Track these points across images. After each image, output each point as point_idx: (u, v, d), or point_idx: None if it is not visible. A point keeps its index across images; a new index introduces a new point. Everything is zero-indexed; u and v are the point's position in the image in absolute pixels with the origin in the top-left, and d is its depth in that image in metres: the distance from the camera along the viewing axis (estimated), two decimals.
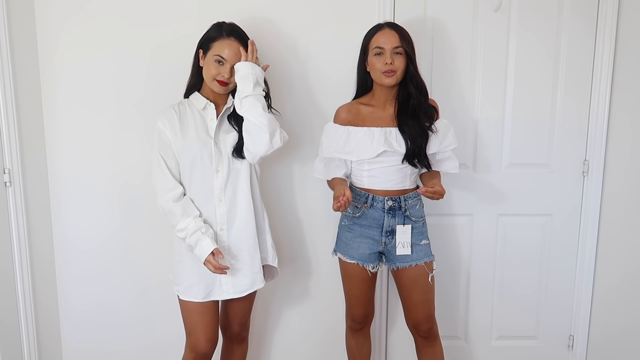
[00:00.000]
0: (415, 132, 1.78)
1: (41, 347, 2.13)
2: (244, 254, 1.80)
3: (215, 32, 1.74)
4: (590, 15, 2.11)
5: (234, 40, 1.73)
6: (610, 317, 2.34)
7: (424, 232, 1.89)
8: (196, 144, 1.74)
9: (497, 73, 2.15)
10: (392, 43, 1.74)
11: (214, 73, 1.72)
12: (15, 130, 1.95)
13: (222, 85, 1.74)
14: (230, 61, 1.72)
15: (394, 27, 1.78)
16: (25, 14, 2.00)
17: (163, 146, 1.75)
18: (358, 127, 1.83)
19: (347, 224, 1.92)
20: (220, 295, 1.80)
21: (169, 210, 1.73)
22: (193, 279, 1.78)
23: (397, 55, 1.75)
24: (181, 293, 1.79)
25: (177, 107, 1.80)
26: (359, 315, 1.98)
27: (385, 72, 1.75)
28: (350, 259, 1.90)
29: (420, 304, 1.87)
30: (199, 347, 1.79)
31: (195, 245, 1.71)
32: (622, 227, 2.26)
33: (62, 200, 2.17)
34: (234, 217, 1.78)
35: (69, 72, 2.07)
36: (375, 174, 1.84)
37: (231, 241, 1.78)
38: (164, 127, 1.75)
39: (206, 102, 1.79)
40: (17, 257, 2.00)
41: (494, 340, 2.38)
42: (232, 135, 1.78)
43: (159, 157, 1.74)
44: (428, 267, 1.85)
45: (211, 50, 1.73)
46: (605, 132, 2.18)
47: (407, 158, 1.79)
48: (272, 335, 2.33)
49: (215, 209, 1.77)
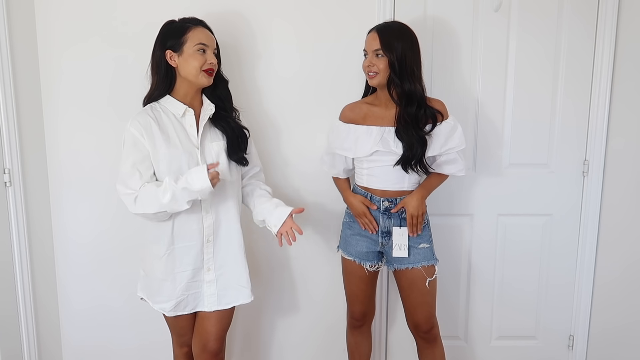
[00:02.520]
0: (412, 138, 1.75)
1: (41, 345, 2.14)
2: (231, 266, 1.75)
3: (180, 27, 1.65)
4: (590, 15, 2.11)
5: (203, 27, 1.68)
6: (610, 317, 2.34)
7: (424, 236, 1.87)
8: (182, 155, 1.63)
9: (497, 73, 2.15)
10: (372, 46, 1.76)
11: (200, 63, 1.63)
12: (15, 130, 1.95)
13: (210, 75, 1.67)
14: (212, 47, 1.67)
15: (379, 31, 1.75)
16: (25, 14, 2.01)
17: (139, 157, 1.61)
18: (359, 125, 1.84)
19: (347, 221, 1.95)
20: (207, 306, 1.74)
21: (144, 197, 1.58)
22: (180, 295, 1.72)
23: (379, 57, 1.75)
24: (167, 310, 1.73)
25: (151, 111, 1.66)
26: (357, 312, 1.99)
27: (368, 73, 1.78)
28: (349, 256, 1.92)
29: (419, 305, 1.87)
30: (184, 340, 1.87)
31: (186, 181, 1.56)
32: (622, 227, 2.26)
33: (62, 200, 2.17)
34: (219, 227, 1.72)
35: (69, 72, 2.07)
36: (373, 173, 1.85)
37: (217, 253, 1.73)
38: (141, 136, 1.61)
39: (185, 107, 1.67)
40: (17, 256, 2.00)
41: (494, 340, 2.38)
42: (220, 143, 1.71)
43: (134, 170, 1.60)
44: (427, 271, 1.85)
45: (188, 43, 1.62)
46: (605, 132, 2.17)
47: (401, 164, 1.78)
48: (272, 334, 2.33)
49: (203, 220, 1.69)
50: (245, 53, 2.09)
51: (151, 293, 1.76)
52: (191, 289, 1.73)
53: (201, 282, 1.73)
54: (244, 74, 2.09)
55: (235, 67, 2.06)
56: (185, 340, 1.87)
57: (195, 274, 1.72)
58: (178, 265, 1.70)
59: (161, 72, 1.68)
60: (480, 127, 2.19)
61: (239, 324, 2.29)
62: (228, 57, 1.96)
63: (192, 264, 1.71)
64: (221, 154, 1.71)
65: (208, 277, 1.73)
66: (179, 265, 1.70)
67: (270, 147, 2.15)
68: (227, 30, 2.02)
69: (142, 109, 1.69)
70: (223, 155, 1.71)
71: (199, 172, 1.55)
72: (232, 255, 1.75)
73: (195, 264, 1.71)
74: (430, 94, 2.15)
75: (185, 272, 1.71)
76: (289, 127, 2.15)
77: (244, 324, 2.30)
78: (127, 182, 1.61)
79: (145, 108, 1.69)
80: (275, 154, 2.16)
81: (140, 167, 1.62)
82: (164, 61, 1.67)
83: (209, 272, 1.73)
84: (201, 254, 1.71)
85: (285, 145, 2.16)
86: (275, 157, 2.16)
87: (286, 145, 2.16)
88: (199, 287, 1.74)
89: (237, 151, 1.74)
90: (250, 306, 2.23)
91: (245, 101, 2.05)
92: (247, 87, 2.10)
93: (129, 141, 1.63)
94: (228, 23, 2.04)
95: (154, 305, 1.76)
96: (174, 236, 1.69)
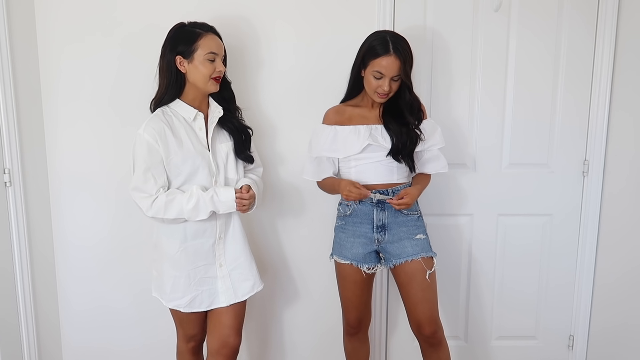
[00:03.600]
0: (401, 129, 1.81)
1: (41, 347, 2.13)
2: (242, 259, 1.81)
3: (191, 32, 1.67)
4: (591, 13, 2.11)
5: (214, 35, 1.71)
6: (610, 317, 2.34)
7: (419, 227, 1.88)
8: (196, 158, 1.68)
9: (497, 73, 2.15)
10: (393, 72, 1.74)
11: (210, 71, 1.67)
12: (15, 130, 1.95)
13: (218, 82, 1.71)
14: (220, 55, 1.70)
15: (399, 55, 1.73)
16: (25, 13, 2.00)
17: (153, 162, 1.64)
18: (345, 125, 1.86)
19: (340, 224, 1.93)
20: (225, 301, 1.77)
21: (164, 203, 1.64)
22: (196, 290, 1.75)
23: (395, 81, 1.77)
24: (183, 307, 1.76)
25: (163, 116, 1.69)
26: (352, 319, 1.97)
27: (379, 94, 1.79)
28: (344, 260, 1.89)
29: (420, 302, 1.83)
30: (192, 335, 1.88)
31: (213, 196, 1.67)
32: (622, 227, 2.26)
33: (62, 200, 2.17)
34: (230, 224, 1.79)
35: (69, 71, 2.07)
36: (362, 170, 1.85)
37: (228, 249, 1.79)
38: (155, 142, 1.63)
39: (195, 112, 1.72)
40: (17, 257, 2.00)
41: (494, 340, 2.38)
42: (229, 144, 1.78)
43: (148, 176, 1.64)
44: (426, 263, 1.83)
45: (199, 51, 1.65)
46: (606, 132, 2.18)
47: (392, 153, 1.81)
48: (272, 336, 2.33)
49: (217, 218, 1.75)
50: (248, 54, 2.09)
51: (165, 291, 1.78)
52: (205, 284, 1.76)
53: (215, 278, 1.77)
54: (244, 73, 2.09)
55: (235, 67, 2.05)
56: (194, 336, 1.88)
57: (207, 270, 1.76)
58: (192, 261, 1.74)
59: (172, 76, 1.69)
60: (480, 126, 2.19)
61: None
62: (230, 58, 1.96)
63: (205, 259, 1.76)
64: (230, 154, 1.78)
65: (221, 272, 1.78)
66: (192, 262, 1.74)
67: (271, 145, 2.16)
68: (229, 32, 2.02)
69: (153, 114, 1.71)
70: (232, 155, 1.78)
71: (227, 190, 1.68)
72: (240, 249, 1.81)
73: (208, 260, 1.76)
74: (430, 94, 2.16)
75: (199, 267, 1.75)
76: (291, 125, 2.15)
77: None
78: (142, 188, 1.65)
79: (157, 113, 1.70)
80: (275, 152, 2.17)
81: (155, 172, 1.65)
82: (174, 66, 1.68)
83: (222, 268, 1.78)
84: (213, 250, 1.76)
85: (285, 143, 2.16)
86: (274, 155, 2.16)
87: (285, 143, 2.16)
88: (213, 284, 1.77)
89: (243, 150, 1.81)
90: (249, 306, 2.24)
91: (247, 101, 2.04)
92: (247, 87, 2.10)
93: (142, 147, 1.64)
94: (229, 24, 2.04)
95: (169, 303, 1.78)
96: (187, 233, 1.73)
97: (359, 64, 1.83)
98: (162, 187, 1.67)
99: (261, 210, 2.18)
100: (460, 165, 2.22)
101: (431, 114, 2.16)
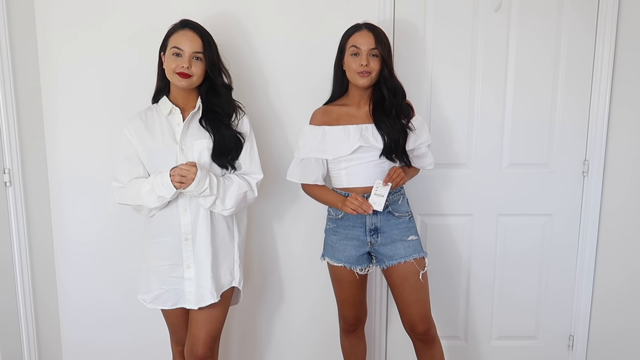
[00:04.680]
0: (392, 127, 1.79)
1: (41, 343, 2.14)
2: (207, 265, 1.73)
3: (171, 30, 1.73)
4: (591, 13, 2.10)
5: (188, 30, 1.70)
6: (610, 316, 2.33)
7: (411, 228, 1.87)
8: (162, 151, 1.71)
9: (497, 73, 2.15)
10: (368, 44, 1.75)
11: (173, 66, 1.67)
12: (15, 130, 1.95)
13: (183, 77, 1.67)
14: (188, 51, 1.67)
15: (371, 29, 1.77)
16: (25, 13, 2.01)
17: (128, 154, 1.75)
18: (333, 126, 1.84)
19: (331, 226, 1.92)
20: (184, 303, 1.77)
21: (128, 186, 1.74)
22: (161, 288, 1.77)
23: (373, 57, 1.76)
24: (147, 302, 1.80)
25: (144, 113, 1.78)
26: (349, 317, 1.98)
27: (360, 72, 1.76)
28: (337, 262, 1.88)
29: (413, 303, 1.83)
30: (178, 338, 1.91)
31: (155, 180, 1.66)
32: (622, 227, 2.26)
33: (62, 199, 2.17)
34: (197, 226, 1.73)
35: (69, 71, 2.08)
36: (353, 172, 1.83)
37: (195, 251, 1.74)
38: (130, 136, 1.74)
39: (172, 106, 1.74)
40: (17, 256, 2.00)
41: (494, 340, 2.38)
42: (203, 141, 1.71)
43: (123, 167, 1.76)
44: (418, 264, 1.83)
45: (168, 45, 1.70)
46: (605, 132, 2.17)
47: (385, 153, 1.79)
48: (270, 335, 2.34)
49: (180, 217, 1.72)
50: (245, 52, 2.09)
51: (139, 284, 1.83)
52: (171, 284, 1.77)
53: (181, 279, 1.76)
54: (240, 72, 2.09)
55: (232, 66, 2.05)
56: (179, 339, 1.90)
57: (174, 270, 1.76)
58: (154, 258, 1.77)
59: (159, 72, 1.79)
60: (480, 126, 2.19)
61: (235, 326, 2.30)
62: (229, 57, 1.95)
63: (169, 259, 1.75)
64: (204, 152, 1.71)
65: (187, 274, 1.75)
66: (155, 259, 1.77)
67: (274, 142, 2.16)
68: (221, 30, 2.02)
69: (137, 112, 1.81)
70: (206, 154, 1.71)
71: (165, 172, 1.66)
72: (212, 255, 1.74)
73: (174, 260, 1.75)
74: (430, 94, 2.16)
75: (163, 266, 1.76)
76: (291, 124, 2.15)
77: (239, 326, 2.30)
78: (118, 177, 1.77)
79: (141, 109, 1.81)
80: (271, 151, 2.17)
81: (129, 164, 1.75)
82: (160, 62, 1.77)
83: (189, 270, 1.75)
84: (179, 251, 1.74)
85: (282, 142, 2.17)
86: (271, 153, 2.17)
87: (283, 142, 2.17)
88: (179, 284, 1.76)
89: (220, 155, 1.72)
90: (245, 308, 2.25)
91: (243, 100, 2.04)
92: (242, 86, 2.10)
93: (122, 141, 1.77)
94: (224, 23, 2.04)
95: (138, 295, 1.83)
96: (153, 230, 1.77)
97: (339, 55, 1.84)
98: (135, 178, 1.75)
99: (258, 211, 2.18)
100: (461, 165, 2.22)
101: (431, 114, 2.16)
